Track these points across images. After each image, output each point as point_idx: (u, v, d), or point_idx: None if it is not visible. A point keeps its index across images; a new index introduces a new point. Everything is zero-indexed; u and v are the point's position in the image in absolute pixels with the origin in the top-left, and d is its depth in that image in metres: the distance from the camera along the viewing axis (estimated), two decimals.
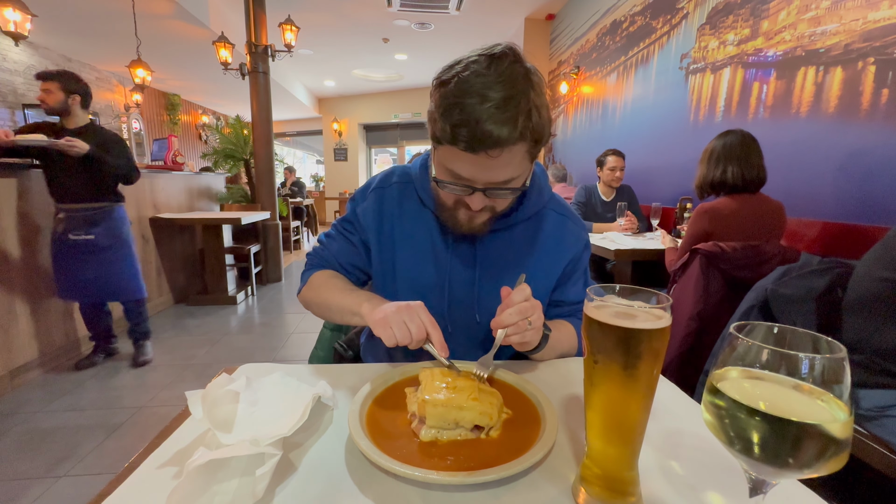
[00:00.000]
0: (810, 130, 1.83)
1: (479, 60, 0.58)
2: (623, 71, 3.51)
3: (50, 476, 1.55)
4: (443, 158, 0.63)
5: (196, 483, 0.39)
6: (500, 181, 0.62)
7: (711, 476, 0.45)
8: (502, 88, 0.56)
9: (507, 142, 0.56)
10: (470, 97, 0.56)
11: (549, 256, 0.78)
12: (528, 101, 0.57)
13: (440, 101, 0.59)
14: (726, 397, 0.33)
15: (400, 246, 0.78)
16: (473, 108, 0.55)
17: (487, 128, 0.55)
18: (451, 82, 0.58)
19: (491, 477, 0.40)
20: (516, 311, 0.61)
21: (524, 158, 0.61)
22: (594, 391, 0.38)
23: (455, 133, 0.57)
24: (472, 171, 0.61)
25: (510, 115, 0.55)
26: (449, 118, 0.57)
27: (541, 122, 0.59)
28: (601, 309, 0.37)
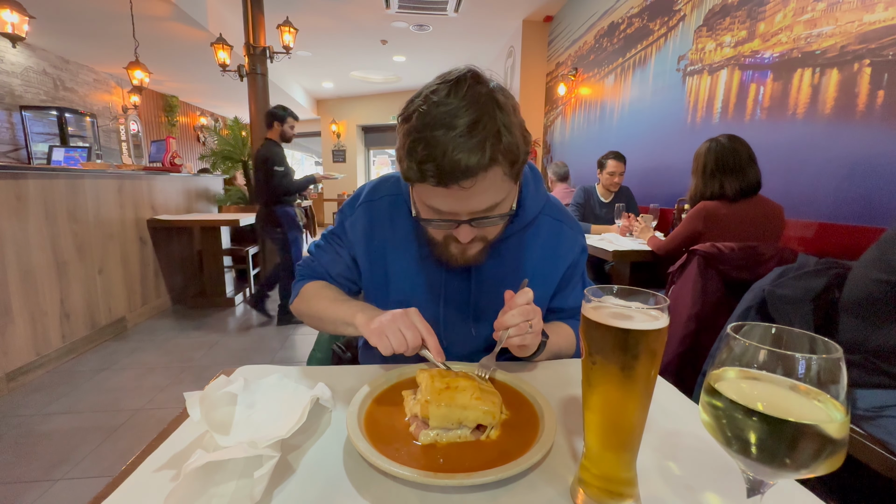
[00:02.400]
0: (807, 132, 1.84)
1: (438, 89, 0.55)
2: (620, 73, 3.53)
3: (47, 479, 1.54)
4: (420, 196, 0.61)
5: (193, 485, 0.39)
6: (483, 209, 0.59)
7: (709, 476, 0.45)
8: (466, 113, 0.53)
9: (478, 169, 0.53)
10: (433, 129, 0.53)
11: (546, 264, 0.77)
12: (495, 121, 0.54)
13: (403, 139, 0.57)
14: (724, 398, 0.33)
15: (392, 260, 0.77)
16: (437, 141, 0.52)
17: (455, 158, 0.52)
18: (413, 117, 0.56)
19: (489, 478, 0.40)
20: (519, 313, 0.60)
21: (503, 181, 0.58)
22: (592, 392, 0.38)
23: (422, 170, 0.54)
24: (451, 204, 0.58)
25: (477, 141, 0.52)
26: (414, 155, 0.54)
27: (512, 141, 0.56)
28: (598, 310, 0.37)
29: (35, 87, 5.17)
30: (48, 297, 2.38)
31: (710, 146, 1.73)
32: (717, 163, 1.69)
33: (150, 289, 3.37)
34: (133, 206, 3.17)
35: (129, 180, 3.13)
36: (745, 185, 1.66)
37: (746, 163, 1.67)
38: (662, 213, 2.64)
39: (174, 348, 2.76)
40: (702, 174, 1.73)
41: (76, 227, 2.60)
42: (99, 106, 6.23)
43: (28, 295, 2.25)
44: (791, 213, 1.85)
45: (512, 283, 0.74)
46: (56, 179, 2.46)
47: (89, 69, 6.08)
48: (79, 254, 2.62)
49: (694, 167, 1.78)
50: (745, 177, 1.66)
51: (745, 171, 1.66)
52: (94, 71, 6.18)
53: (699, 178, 1.75)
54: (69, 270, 2.54)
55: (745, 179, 1.66)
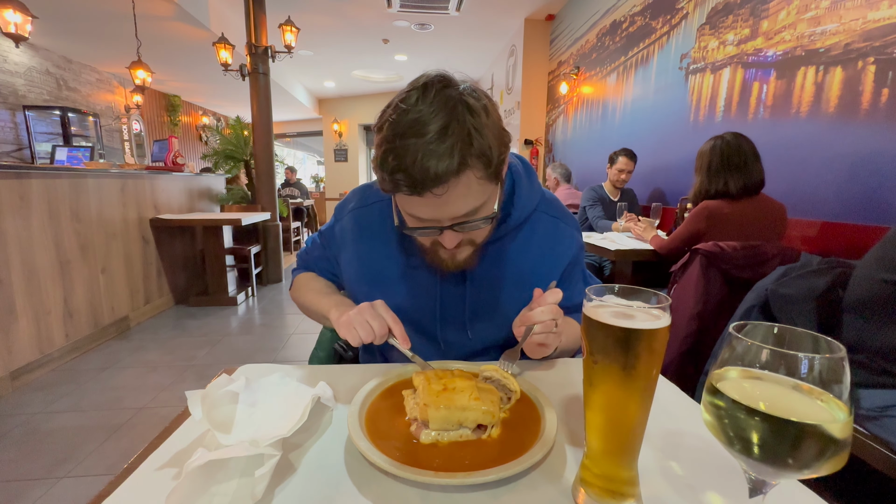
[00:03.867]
0: (810, 130, 1.83)
1: (408, 96, 0.55)
2: (623, 71, 3.51)
3: (51, 477, 1.55)
4: (401, 205, 0.61)
5: (195, 484, 0.39)
6: (463, 214, 0.58)
7: (711, 476, 0.45)
8: (434, 119, 0.52)
9: (448, 175, 0.52)
10: (403, 138, 0.53)
11: (544, 263, 0.76)
12: (465, 125, 0.53)
13: (377, 150, 0.57)
14: (726, 397, 0.33)
15: (385, 265, 0.76)
16: (407, 149, 0.52)
17: (425, 166, 0.51)
18: (384, 127, 0.55)
19: (490, 478, 0.40)
20: (549, 310, 0.60)
21: (481, 184, 0.57)
22: (593, 391, 0.38)
23: (394, 180, 0.54)
24: (430, 212, 0.57)
25: (446, 147, 0.52)
26: (385, 166, 0.54)
27: (484, 143, 0.55)
28: (600, 309, 0.37)
29: (38, 87, 5.19)
30: (51, 296, 2.39)
31: (714, 143, 1.72)
32: (722, 160, 1.68)
33: (153, 288, 3.38)
34: (136, 205, 3.19)
35: (131, 180, 3.14)
36: (748, 183, 1.66)
37: (751, 160, 1.67)
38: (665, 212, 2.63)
39: (177, 347, 2.77)
40: (706, 171, 1.73)
41: (79, 227, 2.61)
42: (102, 105, 6.25)
43: (32, 294, 2.26)
44: (794, 212, 1.84)
45: (508, 284, 0.74)
46: (59, 179, 2.47)
47: (92, 69, 6.10)
48: (82, 253, 2.63)
49: (698, 165, 1.77)
50: (750, 174, 1.66)
51: (750, 168, 1.66)
52: (97, 71, 6.20)
53: (703, 176, 1.74)
54: (72, 269, 2.55)
55: (749, 177, 1.66)
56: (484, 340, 0.76)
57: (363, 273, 0.78)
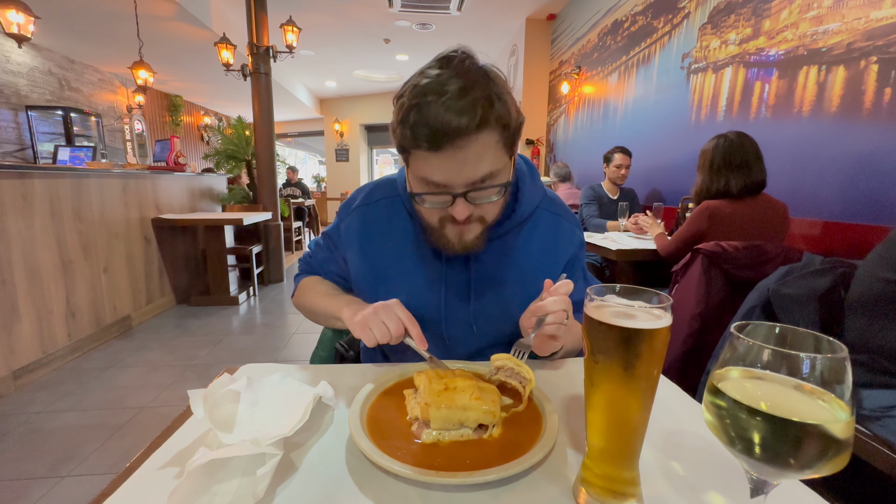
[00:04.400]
0: (812, 130, 1.83)
1: (432, 66, 0.58)
2: (624, 71, 3.51)
3: (53, 476, 1.55)
4: (414, 168, 0.61)
5: (197, 483, 0.39)
6: (478, 179, 0.59)
7: (712, 476, 0.45)
8: (457, 81, 0.55)
9: (469, 129, 0.54)
10: (425, 96, 0.55)
11: (545, 259, 0.77)
12: (487, 89, 0.56)
13: (398, 112, 0.58)
14: (727, 397, 0.33)
15: (390, 262, 0.77)
16: (430, 105, 0.54)
17: (446, 119, 0.53)
18: (406, 92, 0.58)
19: (491, 477, 0.40)
20: (561, 301, 0.59)
21: (497, 150, 0.59)
22: (594, 391, 0.38)
23: (415, 134, 0.55)
24: (445, 173, 0.58)
25: (468, 102, 0.54)
26: (406, 121, 0.56)
27: (505, 108, 0.57)
28: (601, 309, 0.37)
29: (41, 87, 5.21)
30: (54, 295, 2.40)
31: (717, 142, 1.72)
32: (724, 159, 1.68)
33: (155, 287, 3.39)
34: (137, 205, 3.19)
35: (133, 179, 3.15)
36: (750, 183, 1.66)
37: (753, 160, 1.66)
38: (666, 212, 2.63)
39: (179, 346, 2.78)
40: (708, 170, 1.72)
41: (81, 227, 2.62)
42: (104, 106, 6.26)
43: (34, 293, 2.27)
44: (796, 212, 1.83)
45: (512, 280, 0.74)
46: (61, 179, 2.47)
47: (94, 69, 6.12)
48: (84, 253, 2.64)
49: (700, 163, 1.77)
50: (751, 174, 1.66)
51: (752, 168, 1.66)
52: (99, 71, 6.21)
53: (705, 174, 1.74)
54: (74, 269, 2.56)
55: (750, 176, 1.66)
56: (488, 336, 0.76)
57: (368, 270, 0.78)
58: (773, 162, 1.71)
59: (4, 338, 2.10)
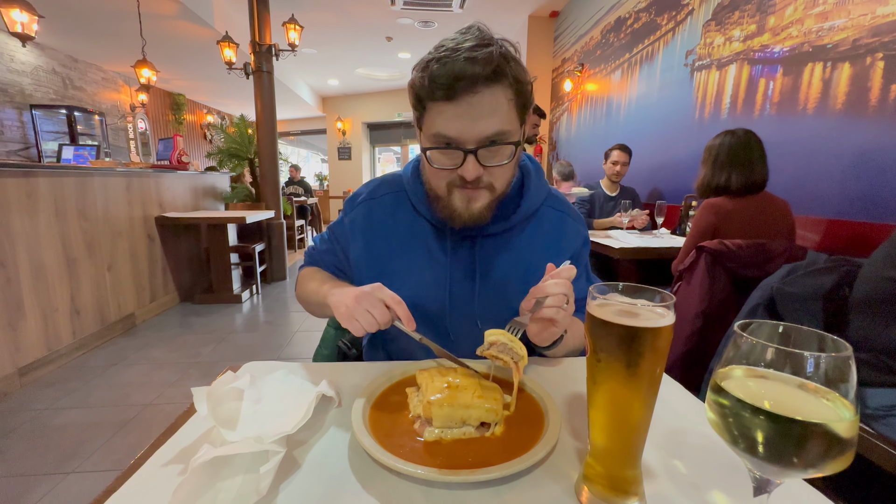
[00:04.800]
0: (817, 127, 1.81)
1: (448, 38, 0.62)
2: (627, 68, 3.49)
3: (58, 472, 1.57)
4: (428, 124, 0.63)
5: (200, 480, 0.40)
6: (489, 135, 0.60)
7: (715, 475, 0.45)
8: (475, 40, 0.59)
9: (484, 79, 0.57)
10: (444, 53, 0.59)
11: (549, 255, 0.77)
12: (502, 48, 0.59)
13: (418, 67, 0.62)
14: (730, 396, 0.32)
15: (395, 256, 0.77)
16: (448, 58, 0.58)
17: (462, 66, 0.57)
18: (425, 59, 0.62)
19: (494, 475, 0.40)
20: (562, 284, 0.58)
21: (510, 109, 0.61)
22: (597, 389, 0.38)
23: (433, 82, 0.59)
24: (458, 126, 0.60)
25: (484, 55, 0.57)
26: (426, 73, 0.59)
27: (519, 67, 0.61)
28: (604, 307, 0.37)
29: (45, 86, 5.23)
30: (59, 293, 2.42)
31: (724, 138, 1.71)
32: (729, 155, 1.66)
33: (159, 285, 3.40)
34: (141, 203, 3.21)
35: (136, 178, 3.16)
36: (750, 182, 1.64)
37: (757, 159, 1.65)
38: (669, 210, 2.62)
39: (182, 344, 2.79)
40: (711, 164, 1.71)
41: (85, 225, 2.63)
42: (107, 104, 6.28)
43: (39, 291, 2.29)
44: (800, 210, 1.82)
45: (516, 275, 0.74)
46: (65, 177, 2.49)
47: (97, 68, 6.14)
48: (88, 251, 2.65)
49: (704, 157, 1.76)
50: (753, 173, 1.65)
51: (755, 167, 1.65)
52: (103, 70, 6.23)
53: (708, 168, 1.73)
54: (79, 267, 2.57)
55: (752, 175, 1.65)
56: None
57: (372, 265, 0.78)
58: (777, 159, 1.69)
59: (10, 336, 2.12)
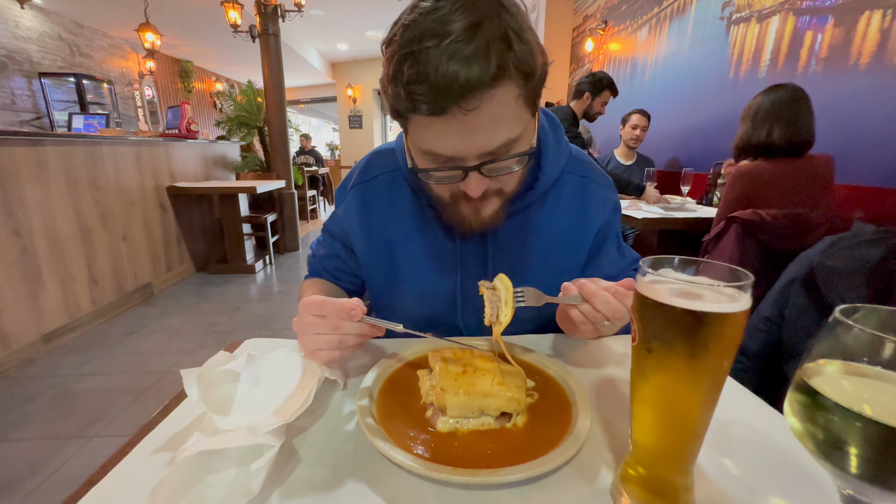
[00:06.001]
0: (870, 85, 1.64)
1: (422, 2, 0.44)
2: (656, 24, 3.24)
3: (83, 436, 1.61)
4: (415, 138, 0.50)
5: (187, 475, 0.35)
6: (494, 148, 0.47)
7: (774, 476, 0.39)
8: (462, 16, 0.42)
9: (482, 83, 0.42)
10: (421, 41, 0.42)
11: (573, 231, 0.68)
12: (502, 24, 0.43)
13: (388, 63, 0.45)
14: (820, 396, 0.26)
15: (398, 246, 0.68)
16: (428, 53, 0.41)
17: (450, 70, 0.41)
18: (397, 37, 0.44)
19: (517, 476, 0.35)
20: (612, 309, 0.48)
21: (518, 108, 0.46)
22: (645, 384, 0.32)
23: (411, 94, 0.43)
24: (453, 143, 0.46)
25: (479, 45, 0.41)
26: (399, 78, 0.43)
27: (527, 49, 0.44)
28: (658, 285, 0.30)
29: (52, 54, 5.15)
30: (75, 263, 2.44)
31: (768, 93, 1.55)
32: (773, 107, 1.51)
33: (174, 256, 3.43)
34: (152, 173, 3.18)
35: (146, 147, 3.12)
36: (794, 140, 1.49)
37: (804, 116, 1.49)
38: (696, 178, 2.47)
39: (199, 314, 2.83)
40: (751, 119, 1.56)
41: (97, 195, 2.62)
42: (115, 72, 6.19)
43: (56, 261, 2.31)
44: (847, 177, 1.68)
45: (535, 258, 0.66)
46: (74, 146, 2.46)
47: (103, 34, 6.01)
48: (102, 221, 2.66)
49: (744, 114, 1.60)
50: (799, 130, 1.49)
51: (800, 123, 1.49)
52: (109, 36, 6.10)
53: (748, 124, 1.57)
54: (94, 237, 2.59)
55: (797, 132, 1.49)
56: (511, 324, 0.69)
57: (375, 259, 0.70)
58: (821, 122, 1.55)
59: (32, 303, 2.16)
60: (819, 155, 1.54)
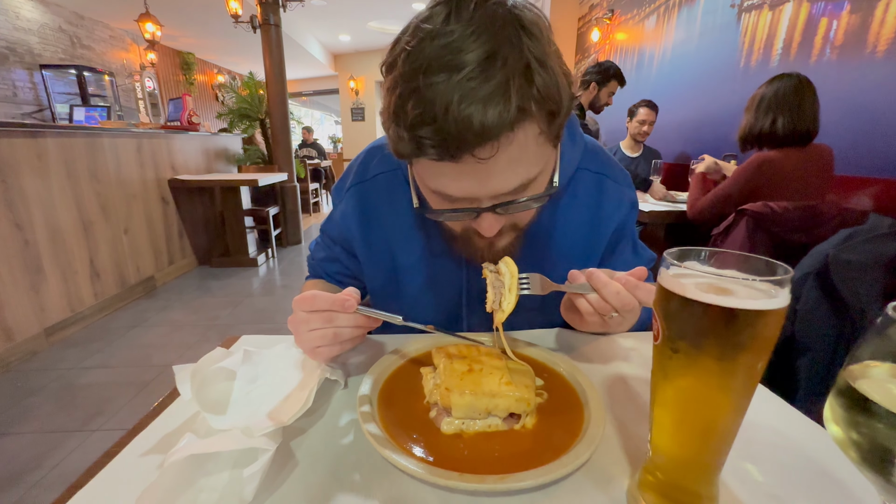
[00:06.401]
0: (888, 74, 1.59)
1: (433, 15, 0.38)
2: (664, 12, 3.17)
3: (85, 430, 1.61)
4: (422, 176, 0.45)
5: (176, 479, 0.33)
6: (511, 189, 0.42)
7: (802, 484, 0.36)
8: (476, 44, 0.36)
9: (501, 128, 0.36)
10: (428, 74, 0.36)
11: (587, 232, 0.64)
12: (521, 52, 0.37)
13: (390, 96, 0.40)
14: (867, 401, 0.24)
15: (399, 250, 0.64)
16: (437, 90, 0.35)
17: (464, 114, 0.35)
18: (398, 62, 0.39)
19: (528, 484, 0.33)
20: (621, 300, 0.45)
21: (539, 144, 0.41)
22: (669, 386, 0.29)
23: (417, 139, 0.37)
24: (465, 186, 0.42)
25: (497, 84, 0.35)
26: (402, 118, 0.38)
27: (550, 80, 0.38)
28: (684, 279, 0.27)
29: (53, 45, 5.12)
30: (77, 256, 2.43)
31: (773, 81, 1.55)
32: (776, 96, 1.51)
33: (176, 249, 3.42)
34: (153, 165, 3.16)
35: (147, 139, 3.09)
36: (799, 126, 1.49)
37: (808, 105, 1.49)
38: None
39: (201, 307, 2.82)
40: (755, 109, 1.57)
41: (98, 187, 2.60)
42: (116, 64, 6.16)
43: (58, 254, 2.30)
44: (862, 169, 1.64)
45: (544, 264, 0.63)
46: (74, 138, 2.43)
47: (104, 25, 5.96)
48: (103, 213, 2.64)
49: (748, 105, 1.62)
50: (802, 117, 1.48)
51: (804, 112, 1.48)
52: (110, 27, 6.06)
53: (751, 114, 1.59)
54: (95, 230, 2.57)
55: (801, 121, 1.48)
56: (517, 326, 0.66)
57: (375, 264, 0.67)
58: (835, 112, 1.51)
59: (33, 297, 2.15)
60: (820, 145, 1.54)
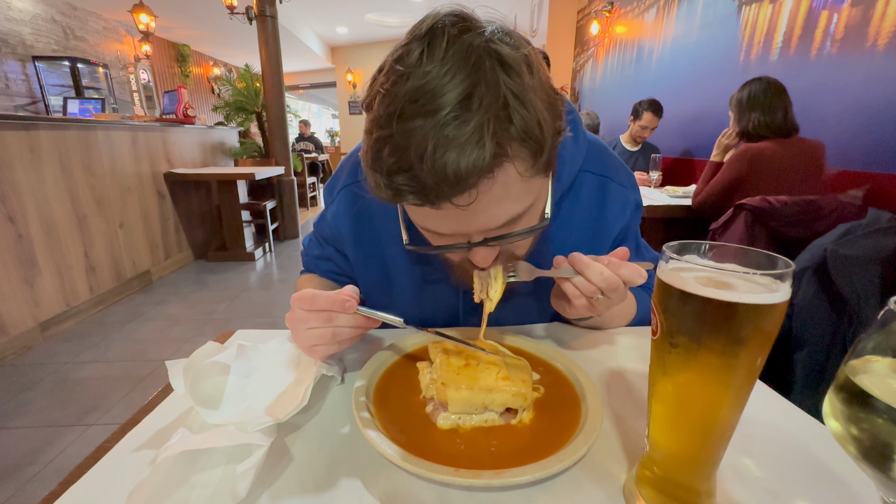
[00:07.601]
0: (889, 67, 1.58)
1: (406, 53, 0.36)
2: (664, 5, 3.14)
3: (81, 424, 1.60)
4: (409, 213, 0.45)
5: (168, 475, 0.33)
6: (501, 224, 0.41)
7: (799, 478, 0.36)
8: (452, 84, 0.34)
9: (479, 174, 0.35)
10: (403, 119, 0.35)
11: (590, 238, 0.63)
12: (497, 91, 0.35)
13: (366, 138, 0.39)
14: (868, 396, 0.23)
15: (392, 254, 0.63)
16: (412, 137, 0.34)
17: (440, 164, 0.34)
18: (376, 102, 0.38)
19: (524, 479, 0.33)
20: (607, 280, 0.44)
21: (525, 180, 0.39)
22: (668, 381, 0.29)
23: (395, 186, 0.36)
24: (453, 224, 0.41)
25: (472, 129, 0.34)
26: (380, 164, 0.37)
27: (529, 116, 0.36)
28: (684, 273, 0.27)
29: (45, 37, 5.04)
30: (72, 250, 2.41)
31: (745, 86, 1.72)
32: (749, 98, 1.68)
33: (172, 243, 3.40)
34: (149, 159, 3.13)
35: (142, 132, 3.06)
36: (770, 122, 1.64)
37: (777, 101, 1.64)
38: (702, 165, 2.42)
39: (197, 301, 2.81)
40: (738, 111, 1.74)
41: (93, 181, 2.58)
42: (110, 56, 6.07)
43: (52, 248, 2.28)
44: (861, 164, 1.64)
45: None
46: (67, 131, 2.41)
47: (98, 16, 5.87)
48: (98, 207, 2.62)
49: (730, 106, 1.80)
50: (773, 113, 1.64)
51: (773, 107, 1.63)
52: (103, 18, 5.97)
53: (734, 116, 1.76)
54: (90, 224, 2.55)
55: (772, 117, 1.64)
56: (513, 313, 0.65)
57: (367, 269, 0.66)
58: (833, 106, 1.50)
59: (28, 291, 2.13)
60: (811, 140, 1.64)
